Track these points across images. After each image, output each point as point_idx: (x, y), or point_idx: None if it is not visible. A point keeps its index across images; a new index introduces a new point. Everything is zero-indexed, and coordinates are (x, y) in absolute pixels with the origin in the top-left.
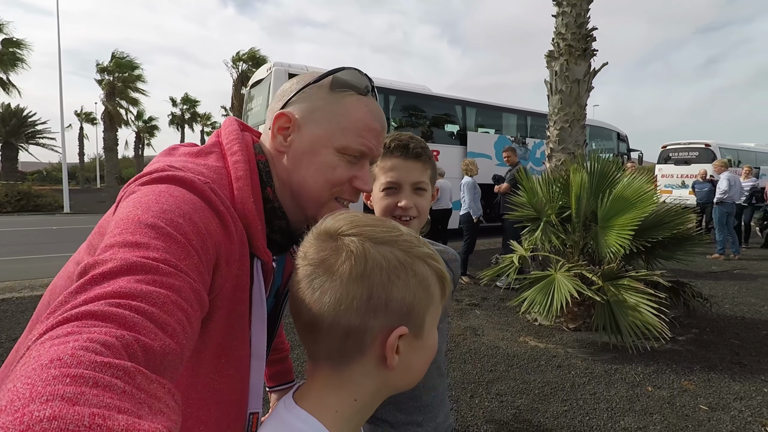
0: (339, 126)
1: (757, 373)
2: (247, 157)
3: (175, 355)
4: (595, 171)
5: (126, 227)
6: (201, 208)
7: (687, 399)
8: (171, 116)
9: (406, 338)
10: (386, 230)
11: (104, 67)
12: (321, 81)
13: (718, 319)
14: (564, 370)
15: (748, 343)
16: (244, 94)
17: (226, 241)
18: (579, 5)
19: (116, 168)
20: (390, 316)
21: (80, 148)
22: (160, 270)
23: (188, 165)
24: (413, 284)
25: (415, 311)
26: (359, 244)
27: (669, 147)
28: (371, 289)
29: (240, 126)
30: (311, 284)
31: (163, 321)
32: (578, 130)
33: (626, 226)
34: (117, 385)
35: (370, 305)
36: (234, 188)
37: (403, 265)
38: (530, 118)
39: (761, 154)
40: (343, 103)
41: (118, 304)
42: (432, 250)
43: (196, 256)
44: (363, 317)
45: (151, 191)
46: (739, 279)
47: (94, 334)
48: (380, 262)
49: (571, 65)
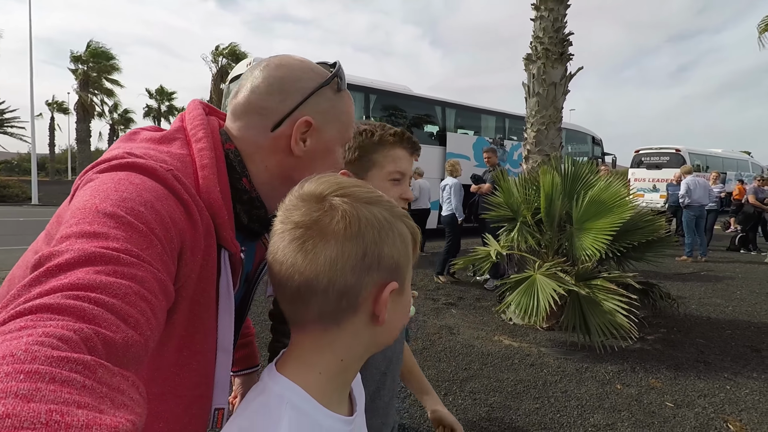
0: (345, 125)
1: (721, 371)
2: (213, 144)
3: (138, 347)
4: (568, 173)
5: (83, 217)
6: (164, 195)
7: (654, 396)
8: (147, 108)
9: (394, 294)
10: (369, 191)
11: (78, 56)
12: (329, 83)
13: (685, 319)
14: (536, 369)
15: (712, 342)
16: (223, 88)
17: (191, 230)
18: (556, 10)
19: (89, 160)
20: (382, 273)
21: (51, 138)
22: (121, 260)
23: (150, 152)
24: (398, 241)
25: (401, 267)
26: (349, 205)
27: (641, 151)
28: (365, 247)
29: (205, 109)
30: (303, 247)
31: (124, 312)
32: (554, 133)
33: (604, 230)
34: (76, 379)
35: (365, 263)
36: (199, 177)
37: (390, 224)
38: (508, 120)
39: (728, 160)
40: (343, 100)
41: (76, 296)
42: (405, 211)
43: (160, 245)
44: (358, 275)
45: (110, 179)
46: (706, 280)
47: (49, 327)
48: (371, 220)
49: (548, 68)
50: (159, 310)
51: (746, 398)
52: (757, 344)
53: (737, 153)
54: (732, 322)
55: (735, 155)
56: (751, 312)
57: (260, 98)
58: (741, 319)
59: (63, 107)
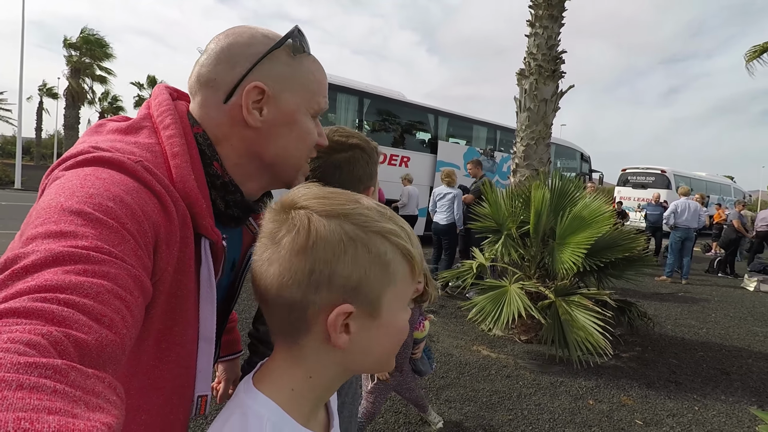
0: (311, 91)
1: (690, 392)
2: (183, 131)
3: (114, 347)
4: (556, 189)
5: (48, 216)
6: (134, 188)
7: (625, 413)
8: (137, 98)
9: (359, 318)
10: (341, 203)
11: (72, 43)
12: (282, 46)
13: (660, 339)
14: (512, 381)
15: (684, 363)
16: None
17: (166, 223)
18: (551, 28)
19: None
20: (333, 293)
21: (38, 123)
22: (91, 258)
23: (116, 144)
24: (364, 260)
25: (365, 289)
26: (305, 217)
27: (628, 170)
28: (313, 263)
29: (172, 94)
30: (262, 256)
31: (97, 312)
32: (543, 148)
33: (581, 244)
34: (46, 384)
35: (312, 280)
36: (171, 166)
37: (353, 240)
38: (500, 132)
39: (711, 184)
40: (307, 66)
41: (44, 298)
42: (398, 226)
43: (133, 241)
44: (304, 291)
45: (75, 176)
46: (683, 301)
47: (15, 333)
48: (325, 235)
49: (540, 85)
50: (135, 307)
51: (713, 420)
52: (727, 367)
53: (721, 177)
54: (705, 344)
55: (718, 179)
56: (723, 335)
57: (209, 70)
58: (713, 341)
59: (52, 92)
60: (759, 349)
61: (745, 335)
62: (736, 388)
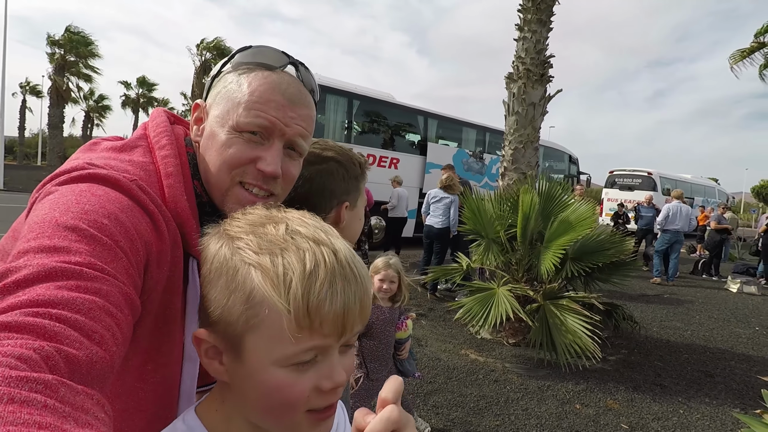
0: (234, 103)
1: (675, 395)
2: (178, 152)
3: (104, 364)
4: (543, 192)
5: (42, 231)
6: (128, 207)
7: (611, 417)
8: (124, 97)
9: (226, 354)
10: (244, 224)
11: (56, 40)
12: (228, 63)
13: (646, 341)
14: (500, 385)
15: (670, 366)
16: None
17: (157, 242)
18: (539, 32)
19: (60, 146)
20: (203, 315)
21: (21, 121)
22: (84, 274)
23: (111, 162)
24: (226, 291)
25: (223, 323)
26: (217, 231)
27: (615, 172)
28: (201, 281)
29: (170, 118)
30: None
31: (88, 328)
32: (531, 152)
33: (561, 245)
34: (36, 399)
35: (202, 293)
36: (164, 185)
37: (223, 266)
38: (489, 134)
39: (696, 186)
40: (243, 80)
41: (36, 313)
42: (288, 265)
43: (125, 258)
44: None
45: (70, 191)
46: (668, 303)
47: (7, 347)
48: (209, 253)
49: (528, 89)
50: (125, 324)
51: (697, 423)
52: (711, 369)
53: (705, 179)
54: (689, 347)
55: (703, 181)
56: (707, 337)
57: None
58: (698, 343)
59: (36, 90)
60: (742, 351)
61: (728, 337)
62: (720, 390)
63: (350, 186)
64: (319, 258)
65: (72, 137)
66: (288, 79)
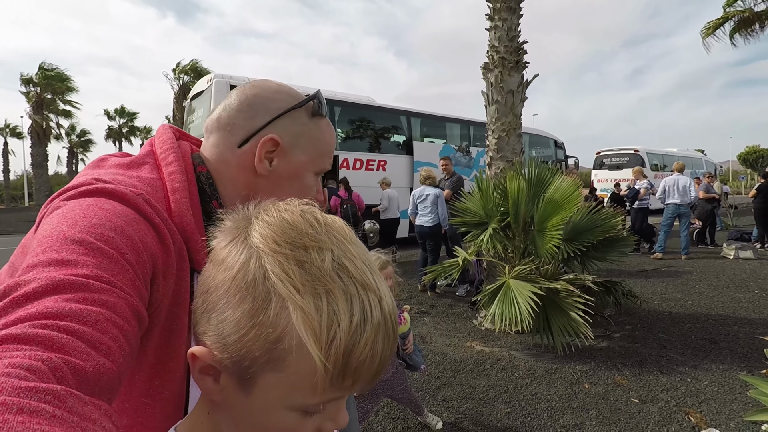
0: (319, 151)
1: (682, 365)
2: (184, 168)
3: (111, 375)
4: (533, 177)
5: (50, 245)
6: (135, 220)
7: (620, 393)
8: (108, 130)
9: (229, 377)
10: (282, 241)
11: (30, 78)
12: (303, 106)
13: (648, 315)
14: (508, 373)
15: (674, 337)
16: (185, 106)
17: (163, 255)
18: (510, 20)
19: (47, 185)
20: (209, 328)
21: (5, 164)
22: (91, 287)
23: (118, 177)
24: (248, 319)
25: (235, 350)
26: (238, 230)
27: (602, 153)
28: (213, 283)
29: (176, 134)
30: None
31: (96, 340)
32: (515, 139)
33: (556, 226)
34: (45, 409)
35: (206, 298)
36: (170, 201)
37: (248, 288)
38: (473, 127)
39: (683, 158)
40: (319, 128)
41: (44, 325)
42: (327, 311)
43: (132, 271)
44: (200, 306)
45: (78, 205)
46: (666, 276)
47: (16, 358)
48: (232, 262)
49: (505, 77)
50: (132, 336)
51: (705, 390)
52: (715, 336)
53: (692, 152)
54: (691, 316)
55: (690, 154)
56: (708, 305)
57: (230, 114)
58: (700, 312)
59: (16, 131)
60: (743, 315)
61: (728, 303)
62: (725, 356)
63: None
64: (367, 310)
65: (58, 174)
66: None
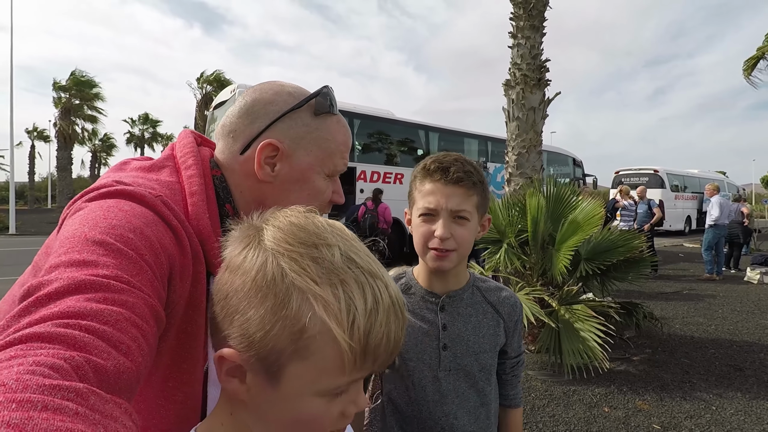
0: (326, 152)
1: (706, 392)
2: (203, 172)
3: (130, 374)
4: (551, 195)
5: (72, 246)
6: (153, 221)
7: (641, 419)
8: (128, 135)
9: (255, 375)
10: (296, 239)
11: (62, 85)
12: (304, 105)
13: (669, 339)
14: (525, 393)
15: (696, 362)
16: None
17: (180, 256)
18: (533, 38)
19: (70, 187)
20: (233, 330)
21: (31, 166)
22: (111, 287)
23: (138, 180)
24: (272, 314)
25: (262, 346)
26: (250, 237)
27: (621, 172)
28: (232, 287)
29: (196, 139)
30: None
31: (116, 339)
32: (535, 156)
33: (571, 246)
34: (68, 407)
35: (225, 304)
36: (188, 204)
37: (269, 286)
38: (491, 143)
39: (704, 180)
40: (327, 127)
41: (66, 324)
42: (343, 296)
43: (150, 271)
44: (222, 316)
45: (99, 207)
46: (688, 299)
47: (40, 356)
48: (249, 266)
49: (526, 94)
50: (150, 336)
51: (731, 419)
52: (740, 363)
53: (713, 173)
54: (715, 341)
55: (711, 175)
56: (732, 331)
57: (232, 121)
58: (723, 338)
59: (44, 135)
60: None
61: (754, 329)
62: (752, 384)
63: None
64: (377, 294)
65: (81, 178)
66: (345, 121)
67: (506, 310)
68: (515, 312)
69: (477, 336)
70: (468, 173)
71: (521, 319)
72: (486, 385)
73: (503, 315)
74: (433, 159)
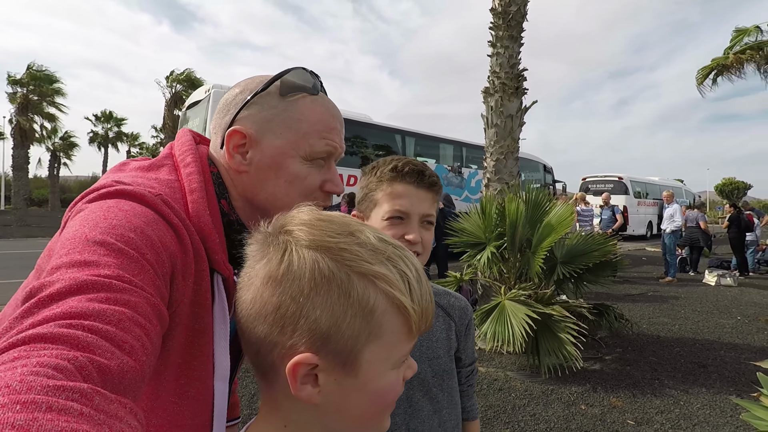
0: (299, 133)
1: (674, 388)
2: (201, 169)
3: (135, 373)
4: (530, 200)
5: (73, 246)
6: (153, 220)
7: (616, 415)
8: (91, 134)
9: (330, 371)
10: (330, 234)
11: (17, 79)
12: (269, 88)
13: (638, 339)
14: (505, 393)
15: (664, 360)
16: (178, 114)
17: (181, 254)
18: (511, 47)
19: (26, 188)
20: (300, 337)
21: None
22: (113, 287)
23: (138, 179)
24: (340, 306)
25: (337, 340)
26: (284, 244)
27: (588, 179)
28: (281, 297)
29: (195, 137)
30: (242, 279)
31: (119, 339)
32: (512, 162)
33: (545, 247)
34: (73, 407)
35: (278, 317)
36: (188, 201)
37: (329, 280)
38: (465, 148)
39: (664, 187)
40: (298, 107)
41: (69, 324)
42: (396, 270)
43: (152, 270)
44: (270, 328)
45: (99, 207)
46: (653, 301)
47: (44, 357)
48: (297, 269)
49: (505, 101)
50: (154, 334)
51: (698, 413)
52: (703, 360)
53: (672, 181)
54: (679, 340)
55: (670, 183)
56: (695, 330)
57: (214, 118)
58: (687, 336)
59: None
60: (728, 340)
61: (714, 328)
62: (714, 380)
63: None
64: (412, 263)
65: (38, 178)
66: (332, 103)
67: (457, 314)
68: (466, 315)
69: (430, 341)
70: (437, 178)
71: (472, 323)
72: (439, 392)
73: (454, 318)
74: (404, 161)
